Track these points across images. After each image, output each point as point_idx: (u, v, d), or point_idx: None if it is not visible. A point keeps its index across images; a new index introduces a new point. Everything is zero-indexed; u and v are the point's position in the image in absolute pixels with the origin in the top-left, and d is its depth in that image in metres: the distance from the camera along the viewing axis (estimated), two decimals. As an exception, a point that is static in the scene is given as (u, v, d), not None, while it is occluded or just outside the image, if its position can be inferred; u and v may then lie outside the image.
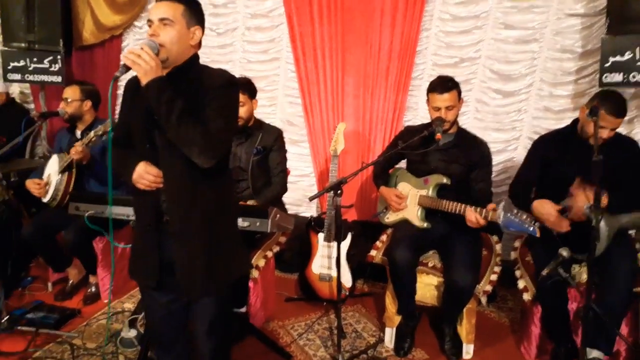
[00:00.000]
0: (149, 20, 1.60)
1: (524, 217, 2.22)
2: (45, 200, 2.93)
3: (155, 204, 1.67)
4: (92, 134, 2.79)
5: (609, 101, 2.27)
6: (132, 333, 2.58)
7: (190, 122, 1.52)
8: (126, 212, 2.52)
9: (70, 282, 3.24)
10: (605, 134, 2.29)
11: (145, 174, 1.63)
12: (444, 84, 2.58)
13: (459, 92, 2.61)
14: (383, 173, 2.88)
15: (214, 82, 1.63)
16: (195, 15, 1.65)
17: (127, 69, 1.52)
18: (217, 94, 1.61)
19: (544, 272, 1.96)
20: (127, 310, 2.99)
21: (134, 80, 1.61)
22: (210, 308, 1.76)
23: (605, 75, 2.86)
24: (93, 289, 3.16)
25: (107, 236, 2.69)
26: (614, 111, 2.26)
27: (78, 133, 3.18)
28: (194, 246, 1.66)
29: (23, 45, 4.10)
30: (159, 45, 1.55)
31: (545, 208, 2.36)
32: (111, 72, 4.41)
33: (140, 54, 1.48)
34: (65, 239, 2.95)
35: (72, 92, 3.12)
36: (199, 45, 1.69)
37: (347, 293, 3.03)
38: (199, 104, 1.58)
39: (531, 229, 2.21)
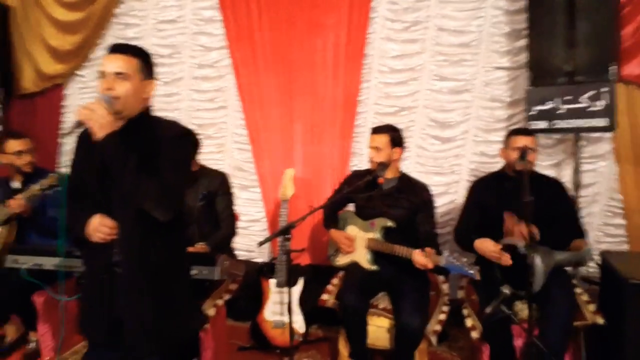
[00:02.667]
0: (101, 72, 1.61)
1: (464, 260, 2.35)
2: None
3: (107, 257, 1.65)
4: (37, 187, 2.69)
5: (514, 130, 2.74)
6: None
7: (144, 177, 1.53)
8: (68, 264, 2.44)
9: (8, 339, 3.04)
10: (517, 154, 2.50)
11: (100, 227, 1.61)
12: (377, 127, 2.81)
13: (392, 139, 2.74)
14: (332, 216, 2.95)
15: (167, 134, 1.65)
16: (149, 68, 1.68)
17: (80, 124, 1.53)
18: (170, 146, 1.63)
19: (487, 310, 2.05)
20: (69, 369, 2.83)
21: (87, 133, 1.61)
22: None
23: (531, 122, 3.10)
24: (33, 346, 2.97)
25: (47, 290, 2.56)
26: (519, 132, 2.66)
27: (17, 184, 3.06)
28: (143, 302, 1.64)
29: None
30: (113, 98, 1.56)
31: (485, 245, 2.49)
32: (53, 121, 4.35)
33: (94, 109, 1.50)
34: (2, 294, 2.78)
35: (30, 143, 3.05)
36: (150, 97, 1.72)
37: (301, 339, 3.01)
38: (153, 155, 1.58)
39: (471, 271, 2.33)
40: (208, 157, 3.87)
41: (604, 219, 3.41)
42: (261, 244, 2.33)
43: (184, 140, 1.70)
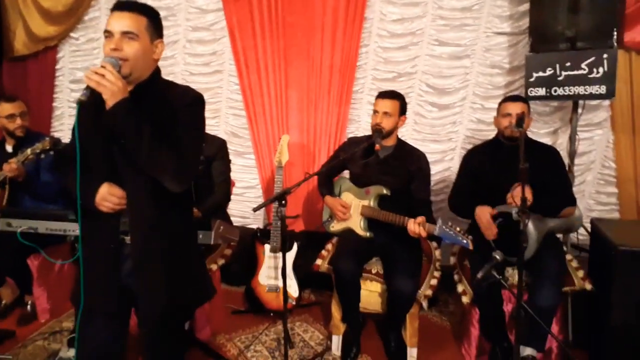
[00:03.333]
0: (108, 32, 1.48)
1: (458, 229, 2.36)
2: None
3: (115, 226, 1.60)
4: (29, 151, 2.67)
5: (505, 97, 2.75)
6: (72, 352, 2.48)
7: (161, 148, 1.46)
8: (63, 227, 2.45)
9: (3, 302, 3.07)
10: (512, 119, 2.57)
11: (109, 196, 1.54)
12: (388, 92, 2.73)
13: (401, 106, 2.72)
14: (327, 182, 2.94)
15: (181, 101, 1.56)
16: (158, 28, 1.59)
17: (92, 90, 1.41)
18: (185, 114, 1.55)
19: (479, 275, 2.06)
20: (66, 330, 2.87)
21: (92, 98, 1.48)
22: (165, 340, 1.71)
23: (530, 89, 3.07)
24: (28, 309, 3.02)
25: (42, 253, 2.58)
26: (508, 99, 2.68)
27: (8, 148, 3.05)
28: (157, 272, 1.59)
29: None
30: (121, 59, 1.46)
31: (482, 213, 2.52)
32: (45, 84, 4.30)
33: (104, 74, 1.39)
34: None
35: (23, 106, 3.02)
36: (159, 59, 1.62)
37: (294, 303, 3.05)
38: (166, 123, 1.51)
39: (464, 241, 2.34)
40: (203, 122, 3.84)
41: (596, 187, 3.44)
42: (256, 209, 2.33)
43: (199, 107, 1.62)
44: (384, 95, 2.72)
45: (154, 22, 1.56)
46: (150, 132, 1.44)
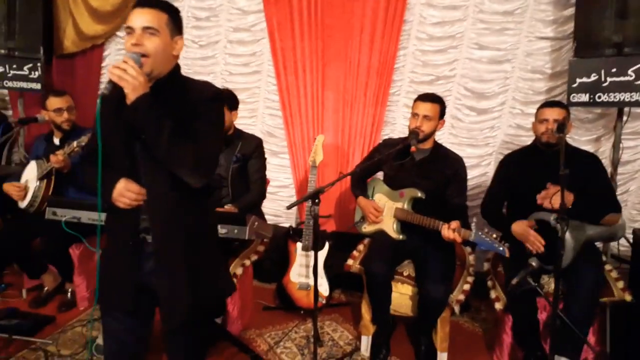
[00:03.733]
0: (129, 28, 1.49)
1: (494, 236, 2.32)
2: (22, 205, 2.91)
3: (134, 223, 1.58)
4: (75, 144, 2.78)
5: (543, 102, 2.69)
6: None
7: (180, 142, 1.46)
8: (104, 218, 2.53)
9: (45, 289, 3.20)
10: (549, 125, 2.53)
11: (126, 192, 1.52)
12: (429, 95, 2.71)
13: (441, 110, 2.71)
14: (360, 183, 2.95)
15: (201, 96, 1.57)
16: (178, 24, 1.59)
17: (114, 85, 1.43)
18: (205, 109, 1.56)
19: (514, 282, 2.03)
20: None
21: (114, 93, 1.48)
22: (188, 338, 1.71)
23: (572, 95, 2.99)
24: (69, 296, 3.13)
25: (85, 242, 2.67)
26: (546, 104, 2.63)
27: (56, 140, 3.17)
28: (177, 269, 1.58)
29: (3, 51, 4.07)
30: (142, 55, 1.47)
31: (519, 228, 2.47)
32: (91, 81, 4.46)
33: (126, 69, 1.40)
34: (42, 245, 2.93)
35: (71, 101, 3.15)
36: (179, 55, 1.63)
37: (324, 302, 3.06)
38: (186, 118, 1.51)
39: (501, 248, 2.31)
40: (240, 121, 3.89)
41: (640, 198, 3.32)
42: (290, 207, 2.35)
43: (219, 103, 1.64)
44: (424, 98, 2.69)
45: (174, 18, 1.57)
46: (170, 126, 1.45)
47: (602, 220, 2.48)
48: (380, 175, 2.98)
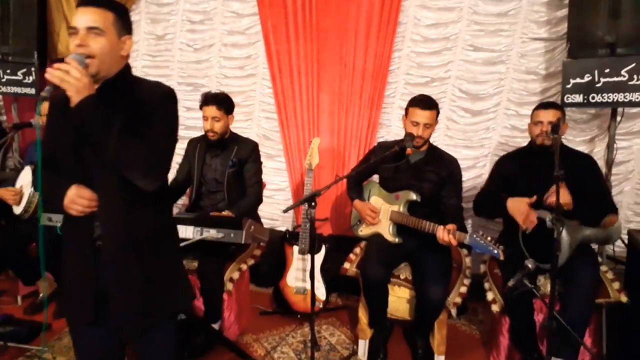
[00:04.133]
0: (73, 28, 1.42)
1: (489, 239, 2.33)
2: (17, 212, 2.90)
3: (89, 231, 1.50)
4: None
5: (538, 104, 2.69)
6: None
7: (129, 144, 1.40)
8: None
9: (41, 295, 3.18)
10: (543, 127, 2.53)
11: (77, 199, 1.45)
12: (427, 102, 2.63)
13: (437, 114, 2.70)
14: (356, 186, 2.94)
15: (151, 96, 1.50)
16: (125, 23, 1.52)
17: (55, 88, 1.35)
18: (156, 110, 1.49)
19: (510, 283, 2.03)
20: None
21: (60, 96, 1.41)
22: (152, 346, 1.63)
23: (566, 96, 3.00)
24: (64, 303, 3.12)
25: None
26: (540, 106, 2.62)
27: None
28: (131, 275, 1.50)
29: (-4, 56, 4.07)
30: (87, 56, 1.40)
31: (516, 202, 2.47)
32: (86, 85, 4.43)
33: (68, 70, 1.32)
34: (37, 251, 2.91)
35: None
36: (129, 55, 1.56)
37: (322, 306, 3.06)
38: (136, 120, 1.44)
39: (495, 251, 2.31)
40: (235, 125, 3.89)
41: (634, 198, 3.35)
42: (286, 210, 2.36)
43: (172, 103, 1.55)
44: (423, 106, 2.61)
45: (122, 17, 1.50)
46: (118, 128, 1.38)
47: (602, 222, 2.48)
48: (376, 178, 2.98)
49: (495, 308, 2.52)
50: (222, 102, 2.84)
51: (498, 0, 3.43)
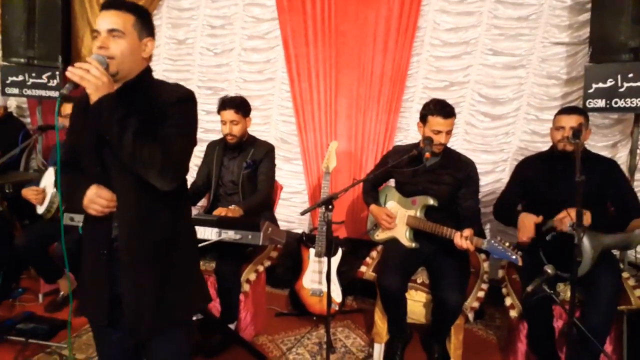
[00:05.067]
0: (95, 31, 1.46)
1: (507, 245, 2.31)
2: (40, 211, 2.96)
3: (107, 231, 1.51)
4: None
5: (560, 109, 2.65)
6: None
7: (146, 143, 1.40)
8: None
9: (62, 293, 3.24)
10: (565, 133, 2.48)
11: (97, 199, 1.46)
12: (447, 109, 2.60)
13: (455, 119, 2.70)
14: (372, 190, 2.94)
15: (170, 97, 1.50)
16: (147, 26, 1.55)
17: (75, 85, 1.39)
18: (175, 111, 1.49)
19: (529, 289, 2.01)
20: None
21: (83, 98, 1.46)
22: (166, 350, 1.60)
23: (588, 101, 2.96)
24: (84, 301, 3.17)
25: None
26: (563, 111, 2.59)
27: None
28: (144, 278, 1.50)
29: (22, 60, 4.16)
30: (108, 57, 1.43)
31: (525, 217, 2.47)
32: (108, 89, 4.52)
33: (89, 69, 1.36)
34: (59, 250, 2.96)
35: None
36: (151, 57, 1.59)
37: (337, 308, 3.06)
38: (155, 121, 1.46)
39: (514, 257, 2.29)
40: (254, 128, 3.93)
41: (657, 205, 3.26)
42: (304, 212, 2.37)
43: (190, 104, 1.55)
44: (445, 114, 2.58)
45: (143, 19, 1.53)
46: (135, 126, 1.39)
47: (628, 226, 2.44)
48: (392, 182, 2.98)
49: (513, 313, 2.49)
50: (239, 106, 2.88)
51: (518, 5, 3.41)
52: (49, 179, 3.04)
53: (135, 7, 1.53)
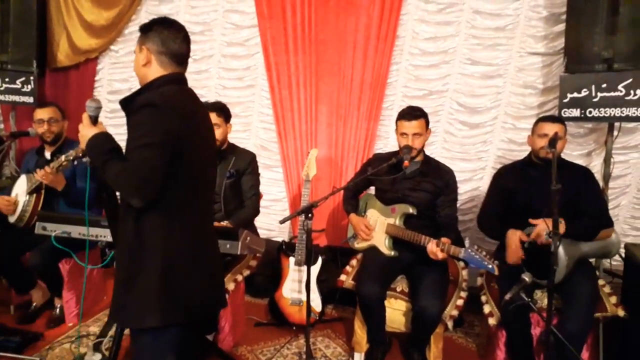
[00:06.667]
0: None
1: (484, 254, 2.32)
2: (12, 220, 2.88)
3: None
4: (62, 158, 2.68)
5: (542, 117, 2.72)
6: (97, 357, 2.52)
7: (112, 163, 1.49)
8: (94, 233, 2.50)
9: (34, 304, 3.16)
10: (543, 141, 2.49)
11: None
12: (412, 112, 2.68)
13: (427, 122, 2.71)
14: (352, 199, 2.94)
15: (132, 108, 1.53)
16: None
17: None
18: (132, 123, 1.51)
19: (507, 297, 2.02)
20: (92, 334, 2.93)
21: None
22: (134, 348, 1.67)
23: (564, 110, 3.01)
24: (57, 312, 3.09)
25: (75, 257, 2.64)
26: (547, 119, 2.64)
27: (47, 154, 3.15)
28: (117, 275, 1.63)
29: (-5, 65, 4.07)
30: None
31: (513, 236, 2.47)
32: (85, 95, 4.45)
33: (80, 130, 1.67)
34: (31, 260, 2.89)
35: (54, 112, 3.12)
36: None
37: (317, 317, 3.04)
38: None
39: (490, 266, 2.31)
40: (233, 135, 3.89)
41: (631, 212, 3.35)
42: (283, 221, 2.35)
43: (146, 111, 1.49)
44: (409, 117, 2.66)
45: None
46: (108, 149, 1.53)
47: (597, 237, 2.48)
48: (372, 190, 2.98)
49: (492, 321, 2.51)
50: (220, 110, 2.86)
51: (495, 15, 3.46)
52: (21, 187, 2.96)
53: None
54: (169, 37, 1.70)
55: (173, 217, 1.58)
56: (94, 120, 1.70)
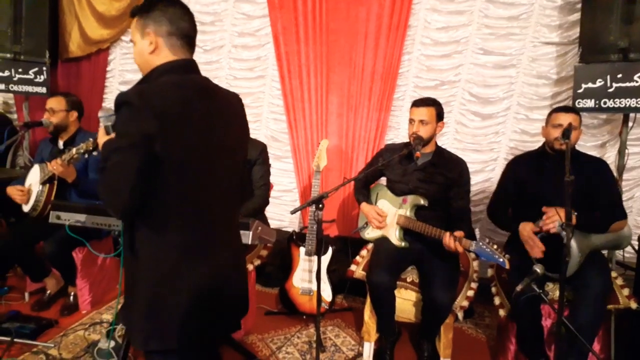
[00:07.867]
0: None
1: (495, 247, 2.31)
2: (26, 209, 2.91)
3: None
4: (74, 151, 2.67)
5: (557, 107, 2.63)
6: (110, 344, 2.56)
7: (102, 191, 1.34)
8: (107, 222, 2.52)
9: (48, 292, 3.20)
10: (558, 132, 2.47)
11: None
12: (423, 100, 2.69)
13: (438, 112, 2.68)
14: (364, 189, 2.94)
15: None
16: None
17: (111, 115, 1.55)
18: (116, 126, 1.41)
19: (518, 288, 2.02)
20: (105, 322, 2.97)
21: None
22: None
23: (578, 100, 2.98)
24: (71, 300, 3.14)
25: (88, 246, 2.67)
26: (561, 109, 2.57)
27: (60, 143, 3.18)
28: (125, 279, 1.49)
29: (8, 55, 4.10)
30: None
31: (525, 230, 2.45)
32: (97, 85, 4.48)
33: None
34: (45, 249, 2.92)
35: (57, 103, 3.12)
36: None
37: (327, 307, 3.05)
38: None
39: (501, 260, 2.29)
40: (245, 125, 3.91)
41: (645, 204, 3.30)
42: (294, 211, 2.35)
43: (121, 112, 1.31)
44: (418, 103, 2.68)
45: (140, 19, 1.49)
46: (104, 159, 1.36)
47: (610, 229, 2.45)
48: (383, 181, 2.97)
49: (502, 312, 2.50)
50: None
51: (509, 4, 3.42)
52: (34, 177, 2.99)
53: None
54: (177, 14, 1.46)
55: (161, 228, 1.38)
56: (109, 130, 1.56)
